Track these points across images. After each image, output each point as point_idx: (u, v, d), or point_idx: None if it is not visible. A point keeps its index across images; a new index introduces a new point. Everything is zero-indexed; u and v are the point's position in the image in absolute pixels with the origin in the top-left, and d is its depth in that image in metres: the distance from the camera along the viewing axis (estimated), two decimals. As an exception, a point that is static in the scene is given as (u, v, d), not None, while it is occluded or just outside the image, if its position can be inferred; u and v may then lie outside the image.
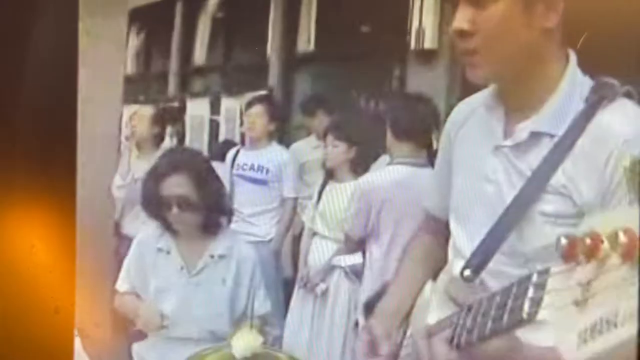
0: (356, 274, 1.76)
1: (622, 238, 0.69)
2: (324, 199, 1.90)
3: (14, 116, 1.28)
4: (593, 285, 0.73)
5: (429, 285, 1.18)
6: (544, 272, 0.79)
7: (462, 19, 1.00)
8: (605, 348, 0.72)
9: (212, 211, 1.41)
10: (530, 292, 0.80)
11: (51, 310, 1.23)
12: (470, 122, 1.14)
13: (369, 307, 1.56)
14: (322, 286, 1.86)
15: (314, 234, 1.92)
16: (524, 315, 0.78)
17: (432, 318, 1.08)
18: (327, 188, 1.90)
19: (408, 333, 1.14)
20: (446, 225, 1.13)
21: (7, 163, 1.23)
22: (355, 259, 1.77)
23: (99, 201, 1.84)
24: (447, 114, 1.58)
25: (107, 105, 1.86)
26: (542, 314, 0.78)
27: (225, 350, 1.35)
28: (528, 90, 1.03)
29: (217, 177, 1.50)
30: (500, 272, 1.01)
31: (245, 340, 1.32)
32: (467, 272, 0.99)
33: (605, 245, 0.71)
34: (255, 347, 1.33)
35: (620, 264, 0.69)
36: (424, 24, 1.63)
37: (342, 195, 1.87)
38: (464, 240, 1.06)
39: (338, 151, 1.84)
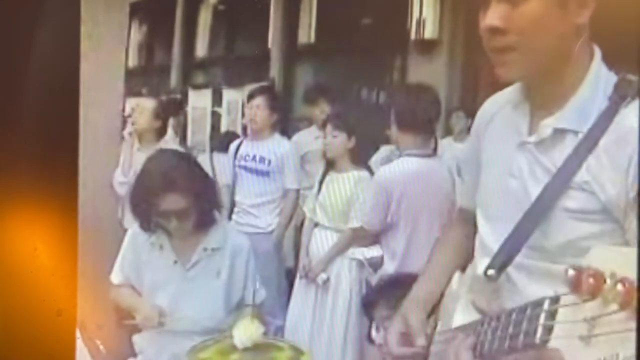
0: (374, 266, 1.76)
1: (620, 287, 0.70)
2: (324, 190, 1.90)
3: (16, 121, 1.29)
4: (597, 322, 0.74)
5: (456, 278, 1.18)
6: (555, 300, 0.80)
7: (495, 16, 0.98)
8: (606, 386, 0.72)
9: (207, 211, 1.41)
10: (542, 319, 0.81)
11: (53, 312, 1.23)
12: (497, 119, 1.14)
13: (368, 300, 1.56)
14: (324, 276, 1.86)
15: (315, 224, 1.92)
16: (537, 341, 0.79)
17: (458, 319, 1.08)
18: (328, 178, 1.90)
19: (438, 327, 1.15)
20: (475, 216, 1.14)
21: (9, 167, 1.23)
22: (374, 251, 1.77)
23: (101, 204, 1.84)
24: (448, 102, 1.57)
25: (109, 109, 1.86)
26: (552, 343, 0.79)
27: (227, 341, 1.35)
28: (554, 87, 1.02)
29: (208, 178, 1.49)
30: (525, 265, 1.01)
31: (247, 331, 1.33)
32: (490, 272, 0.99)
33: (608, 284, 0.72)
34: (256, 337, 1.33)
35: (619, 310, 0.70)
36: (425, 14, 1.63)
37: (342, 185, 1.87)
38: (488, 236, 1.06)
39: (338, 141, 1.84)
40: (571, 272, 0.75)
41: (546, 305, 0.81)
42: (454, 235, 1.25)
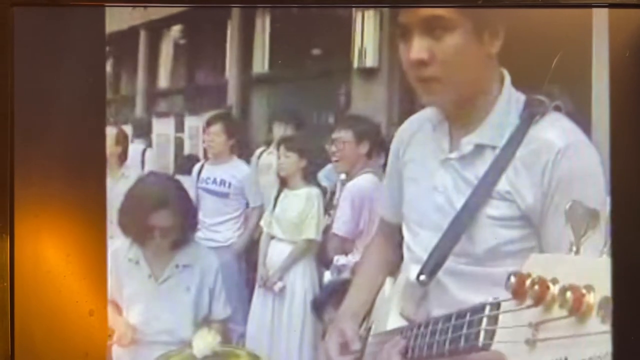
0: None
1: (569, 295, 0.75)
2: (279, 205, 1.98)
3: (48, 141, 1.34)
4: (542, 327, 0.79)
5: (388, 284, 1.24)
6: (496, 307, 0.86)
7: (420, 49, 1.07)
8: (557, 389, 0.76)
9: (185, 231, 1.47)
10: (484, 324, 0.86)
11: (86, 312, 1.29)
12: (416, 140, 1.22)
13: (319, 305, 1.63)
14: (280, 284, 1.91)
15: (272, 237, 1.98)
16: (479, 344, 0.85)
17: (392, 322, 1.13)
18: (282, 195, 1.97)
19: (372, 330, 1.20)
20: (398, 228, 1.20)
21: (44, 183, 1.28)
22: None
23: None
24: (387, 125, 1.67)
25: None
26: (495, 346, 0.84)
27: (187, 351, 1.41)
28: (471, 109, 1.11)
29: (191, 201, 1.57)
30: (454, 270, 1.09)
31: (205, 340, 1.38)
32: (422, 277, 1.06)
33: (552, 291, 0.77)
34: (214, 346, 1.39)
35: (567, 317, 0.75)
36: (365, 45, 1.69)
37: (295, 201, 1.95)
38: (416, 245, 1.13)
39: (290, 161, 1.93)
40: (513, 279, 0.80)
41: (487, 311, 0.87)
42: (378, 246, 1.31)
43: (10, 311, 1.30)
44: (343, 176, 1.84)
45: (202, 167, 2.14)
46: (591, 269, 0.75)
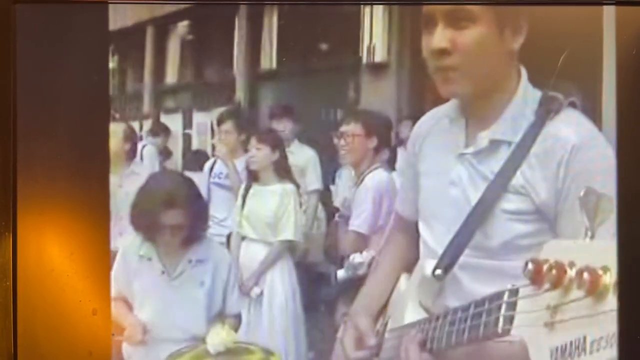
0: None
1: (586, 276, 0.76)
2: (249, 203, 1.90)
3: (52, 138, 1.34)
4: (560, 309, 0.80)
5: (403, 279, 1.25)
6: (514, 293, 0.87)
7: (442, 38, 1.08)
8: (576, 370, 0.78)
9: (197, 228, 1.48)
10: (503, 310, 0.87)
11: (89, 311, 1.29)
12: (433, 134, 1.22)
13: (330, 297, 1.63)
14: (257, 290, 1.80)
15: (242, 237, 1.86)
16: (499, 331, 0.86)
17: (409, 317, 1.14)
18: (252, 191, 1.91)
19: (389, 325, 1.21)
20: (415, 224, 1.20)
21: (47, 181, 1.29)
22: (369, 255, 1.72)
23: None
24: (397, 119, 1.67)
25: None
26: (514, 331, 0.85)
27: (201, 347, 1.41)
28: (488, 104, 1.11)
29: (202, 199, 1.57)
30: (469, 264, 1.10)
31: (219, 337, 1.38)
32: (438, 272, 1.07)
33: (570, 274, 0.79)
34: (228, 342, 1.39)
35: (585, 297, 0.77)
36: (374, 40, 1.70)
37: (269, 198, 1.88)
38: (432, 240, 1.14)
39: (262, 154, 1.88)
40: (531, 266, 0.81)
41: (506, 297, 0.88)
42: (394, 242, 1.32)
43: (13, 310, 1.29)
44: (352, 172, 1.82)
45: (214, 163, 2.18)
46: (606, 251, 0.77)
